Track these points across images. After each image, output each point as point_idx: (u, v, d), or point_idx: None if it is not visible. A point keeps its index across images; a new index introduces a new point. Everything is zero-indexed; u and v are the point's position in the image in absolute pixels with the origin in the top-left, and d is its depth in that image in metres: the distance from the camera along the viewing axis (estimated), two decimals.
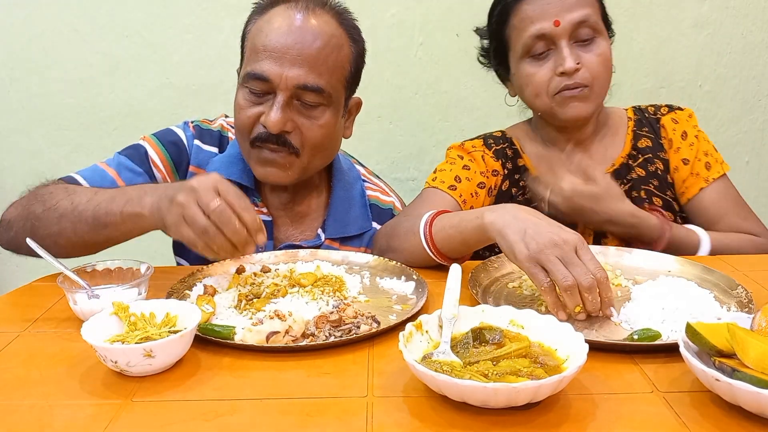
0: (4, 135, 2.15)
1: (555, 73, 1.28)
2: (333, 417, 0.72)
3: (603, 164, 1.40)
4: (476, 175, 1.38)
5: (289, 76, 1.15)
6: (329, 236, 1.32)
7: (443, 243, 1.12)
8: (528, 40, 1.29)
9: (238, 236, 0.95)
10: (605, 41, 1.31)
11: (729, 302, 0.99)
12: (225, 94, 2.10)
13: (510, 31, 1.33)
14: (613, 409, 0.72)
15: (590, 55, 1.28)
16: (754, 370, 0.69)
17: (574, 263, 0.91)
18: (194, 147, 1.32)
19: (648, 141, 1.42)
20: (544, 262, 0.92)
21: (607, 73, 1.31)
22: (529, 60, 1.31)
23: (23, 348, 0.90)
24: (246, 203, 0.97)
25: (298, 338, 0.88)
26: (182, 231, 0.95)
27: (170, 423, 0.71)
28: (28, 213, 1.12)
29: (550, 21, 1.26)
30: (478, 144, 1.43)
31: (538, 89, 1.31)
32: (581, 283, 0.90)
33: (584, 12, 1.27)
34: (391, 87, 2.11)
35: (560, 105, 1.30)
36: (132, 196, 1.04)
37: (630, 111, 1.47)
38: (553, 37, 1.27)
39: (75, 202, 1.08)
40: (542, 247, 0.93)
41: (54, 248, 1.05)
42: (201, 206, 0.94)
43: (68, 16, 2.04)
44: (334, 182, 1.36)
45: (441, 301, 0.87)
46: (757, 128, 2.20)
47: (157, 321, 0.87)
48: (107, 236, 1.07)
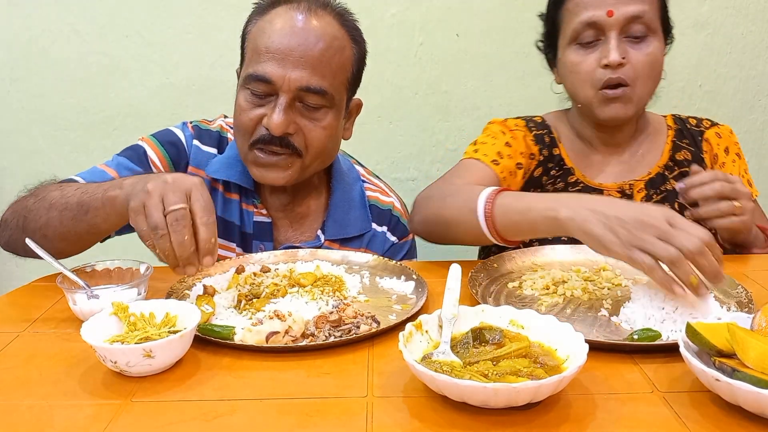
0: (4, 135, 2.15)
1: (599, 65, 1.25)
2: (333, 417, 0.72)
3: (638, 172, 1.38)
4: (516, 154, 1.36)
5: (292, 77, 1.15)
6: (329, 237, 1.32)
7: (506, 228, 1.06)
8: (578, 25, 1.27)
9: (183, 250, 0.90)
10: (658, 43, 1.28)
11: (729, 302, 0.99)
12: (225, 94, 2.09)
13: (563, 14, 1.31)
14: (613, 409, 0.72)
15: (638, 53, 1.25)
16: (754, 370, 0.69)
17: (672, 234, 0.86)
18: (193, 147, 1.31)
19: (687, 154, 1.39)
20: (640, 245, 0.87)
21: (653, 75, 1.28)
22: (576, 47, 1.29)
23: (23, 348, 0.89)
24: (210, 219, 0.92)
25: (298, 338, 0.88)
26: (137, 220, 0.91)
27: (170, 423, 0.71)
28: (20, 207, 1.12)
29: (603, 10, 1.24)
30: (521, 124, 1.41)
31: (582, 79, 1.28)
32: (689, 248, 0.85)
33: (641, 8, 1.24)
34: (391, 87, 2.11)
35: (600, 103, 1.28)
36: (118, 181, 1.03)
37: (670, 119, 1.44)
38: (604, 27, 1.25)
39: (65, 192, 1.08)
40: (632, 230, 0.88)
41: (43, 242, 1.03)
42: (163, 203, 0.90)
43: (68, 16, 2.04)
44: (334, 183, 1.35)
45: (441, 301, 0.87)
46: (757, 128, 2.20)
47: (156, 321, 0.87)
48: (89, 223, 1.03)
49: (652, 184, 1.37)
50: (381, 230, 1.37)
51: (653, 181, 1.37)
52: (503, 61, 2.11)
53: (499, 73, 2.12)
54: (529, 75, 2.12)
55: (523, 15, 2.07)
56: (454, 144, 2.18)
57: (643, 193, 1.37)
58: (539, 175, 1.39)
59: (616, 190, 1.37)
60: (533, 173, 1.39)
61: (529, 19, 2.07)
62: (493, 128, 1.41)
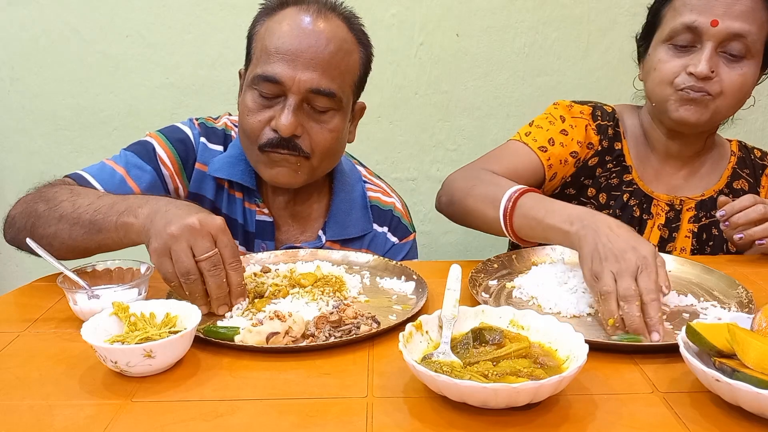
0: (4, 135, 2.15)
1: (685, 70, 1.22)
2: (333, 417, 0.72)
3: (693, 190, 1.37)
4: (572, 143, 1.34)
5: (302, 79, 1.14)
6: (330, 238, 1.32)
7: (522, 229, 1.10)
8: (678, 25, 1.23)
9: (219, 291, 0.94)
10: (754, 67, 1.24)
11: (729, 302, 0.99)
12: (225, 94, 2.11)
13: (667, 10, 1.27)
14: (613, 409, 0.72)
15: (730, 72, 1.22)
16: (754, 371, 0.69)
17: (624, 276, 0.89)
18: (200, 144, 1.31)
19: (745, 184, 1.38)
20: (598, 275, 0.91)
21: (738, 96, 1.24)
22: (669, 46, 1.26)
23: (23, 348, 0.89)
24: (239, 263, 0.95)
25: (298, 339, 0.88)
26: (163, 263, 0.92)
27: (170, 423, 0.71)
28: (31, 211, 1.11)
29: (709, 18, 1.19)
30: (586, 111, 1.39)
31: (663, 78, 1.25)
32: (618, 291, 0.88)
33: (747, 27, 1.19)
34: (391, 87, 2.11)
35: (676, 101, 1.25)
36: (132, 204, 1.03)
37: (735, 145, 1.43)
38: (702, 35, 1.21)
39: (77, 204, 1.07)
40: (603, 262, 0.92)
41: (49, 249, 1.04)
42: (192, 248, 0.91)
43: (68, 16, 2.05)
44: (336, 184, 1.35)
45: (441, 301, 0.87)
46: (757, 128, 2.20)
47: (157, 321, 0.87)
48: (100, 242, 1.05)
49: (702, 206, 1.36)
50: (382, 231, 1.37)
51: (705, 203, 1.36)
52: (503, 61, 2.11)
53: (499, 73, 2.12)
54: (529, 75, 2.12)
55: (523, 15, 2.08)
56: (454, 144, 2.18)
57: (692, 213, 1.36)
58: (594, 165, 1.37)
59: (666, 202, 1.36)
60: (587, 162, 1.37)
61: (529, 19, 2.08)
62: (555, 112, 1.39)
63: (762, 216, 1.17)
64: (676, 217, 1.36)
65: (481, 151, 1.40)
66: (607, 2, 2.05)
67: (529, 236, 1.11)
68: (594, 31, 2.08)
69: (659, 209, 1.36)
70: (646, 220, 1.37)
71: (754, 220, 1.17)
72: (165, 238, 0.92)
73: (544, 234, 1.06)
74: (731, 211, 1.18)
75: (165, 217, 0.95)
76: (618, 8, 2.07)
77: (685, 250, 1.36)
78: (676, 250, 1.36)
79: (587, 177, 1.38)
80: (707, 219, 1.35)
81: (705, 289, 1.06)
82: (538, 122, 1.37)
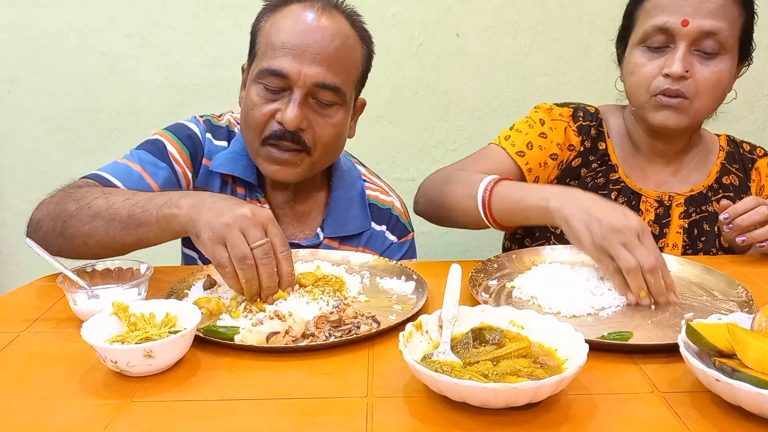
0: (4, 135, 2.15)
1: (661, 72, 1.23)
2: (333, 417, 0.72)
3: (682, 186, 1.37)
4: (552, 145, 1.35)
5: (308, 73, 1.15)
6: (328, 235, 1.32)
7: (501, 214, 1.14)
8: (650, 28, 1.24)
9: (271, 281, 0.96)
10: (729, 62, 1.24)
11: (729, 302, 0.99)
12: (225, 94, 2.11)
13: (640, 13, 1.29)
14: (613, 409, 0.72)
15: (704, 70, 1.23)
16: (754, 371, 0.69)
17: (637, 247, 0.95)
18: (207, 140, 1.32)
19: (735, 179, 1.39)
20: (607, 248, 0.97)
21: (715, 93, 1.25)
22: (643, 49, 1.27)
23: (23, 348, 0.89)
24: (288, 251, 0.98)
25: (298, 338, 0.88)
26: (217, 251, 0.94)
27: (170, 423, 0.71)
28: (60, 211, 1.09)
29: (679, 18, 1.20)
30: (566, 113, 1.40)
31: (640, 82, 1.27)
32: (643, 265, 0.94)
33: (718, 24, 1.20)
34: (391, 87, 2.11)
35: (653, 108, 1.26)
36: (172, 197, 1.03)
37: (723, 140, 1.43)
38: (675, 35, 1.22)
39: (111, 201, 1.06)
40: (605, 233, 0.97)
41: (83, 248, 1.05)
42: (246, 236, 0.94)
43: (68, 16, 2.04)
44: (334, 181, 1.36)
45: (441, 301, 0.87)
46: (757, 128, 2.20)
47: (157, 321, 0.87)
48: (139, 237, 1.04)
49: (692, 202, 1.36)
50: (380, 229, 1.37)
51: (695, 198, 1.36)
52: (503, 61, 2.11)
53: (499, 73, 2.12)
54: (529, 75, 2.12)
55: (523, 15, 2.08)
56: (454, 144, 2.18)
57: (682, 209, 1.36)
58: (577, 166, 1.38)
59: (655, 198, 1.36)
60: (571, 164, 1.38)
61: (529, 19, 2.08)
62: (535, 115, 1.40)
63: (765, 218, 1.17)
64: (666, 213, 1.36)
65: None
66: (607, 2, 2.05)
67: (509, 220, 1.15)
68: (594, 31, 2.08)
69: (648, 206, 1.36)
70: None
71: (757, 222, 1.17)
72: (219, 228, 0.94)
73: (522, 214, 1.11)
74: (734, 214, 1.18)
75: (214, 208, 0.97)
76: (618, 8, 2.05)
77: (677, 246, 1.36)
78: (668, 246, 1.36)
79: (572, 178, 1.39)
80: (698, 214, 1.36)
81: (705, 289, 1.06)
82: (518, 126, 1.39)
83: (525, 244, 1.41)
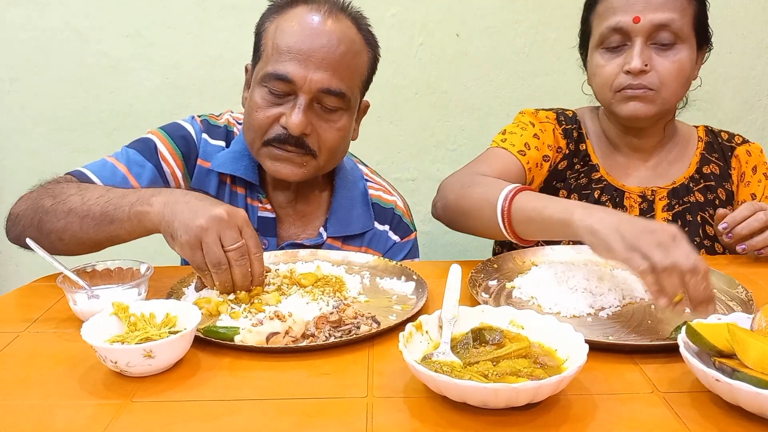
0: (4, 135, 2.15)
1: (622, 70, 1.26)
2: (333, 417, 0.72)
3: (663, 179, 1.38)
4: (544, 146, 1.37)
5: (313, 79, 1.15)
6: (331, 235, 1.32)
7: (521, 225, 1.08)
8: (605, 30, 1.27)
9: (244, 281, 0.98)
10: (687, 50, 1.26)
11: (729, 302, 0.99)
12: (225, 94, 2.11)
13: (594, 17, 1.32)
14: (613, 409, 0.72)
15: (664, 61, 1.25)
16: (754, 371, 0.69)
17: (672, 247, 0.86)
18: (202, 141, 1.32)
19: (715, 168, 1.39)
20: (640, 248, 0.87)
21: (679, 82, 1.27)
22: (602, 51, 1.29)
23: (23, 348, 0.89)
24: (261, 253, 1.00)
25: (298, 339, 0.88)
26: (194, 254, 0.96)
27: (170, 423, 0.71)
28: (37, 207, 1.10)
29: (630, 16, 1.23)
30: (551, 117, 1.42)
31: (603, 82, 1.29)
32: (681, 264, 0.84)
33: (668, 16, 1.23)
34: (391, 87, 2.11)
35: (620, 101, 1.28)
36: (143, 194, 1.04)
37: (702, 130, 1.44)
38: (630, 33, 1.25)
39: (86, 197, 1.07)
40: (638, 234, 0.88)
41: (58, 244, 1.05)
42: (221, 239, 0.95)
43: (68, 16, 2.04)
44: (337, 181, 1.36)
45: (441, 301, 0.87)
46: (757, 128, 2.20)
47: (157, 321, 0.87)
48: (111, 234, 1.06)
49: (675, 194, 1.36)
50: (383, 229, 1.37)
51: (677, 191, 1.37)
52: (503, 61, 2.11)
53: (499, 73, 2.12)
54: (529, 75, 2.12)
55: (523, 15, 2.08)
56: (454, 144, 2.18)
57: (665, 202, 1.36)
58: (563, 169, 1.39)
59: (638, 194, 1.36)
60: (557, 166, 1.39)
61: (529, 19, 2.08)
62: (524, 119, 1.41)
63: (764, 224, 1.17)
64: (650, 207, 1.36)
65: (481, 151, 1.40)
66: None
67: (528, 233, 1.09)
68: None
69: (632, 201, 1.37)
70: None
71: (756, 229, 1.17)
72: (195, 230, 0.95)
73: (543, 226, 1.04)
74: (733, 223, 1.18)
75: (189, 208, 0.98)
76: None
77: None
78: None
79: (558, 180, 1.40)
80: (680, 206, 1.36)
81: None
82: (510, 129, 1.39)
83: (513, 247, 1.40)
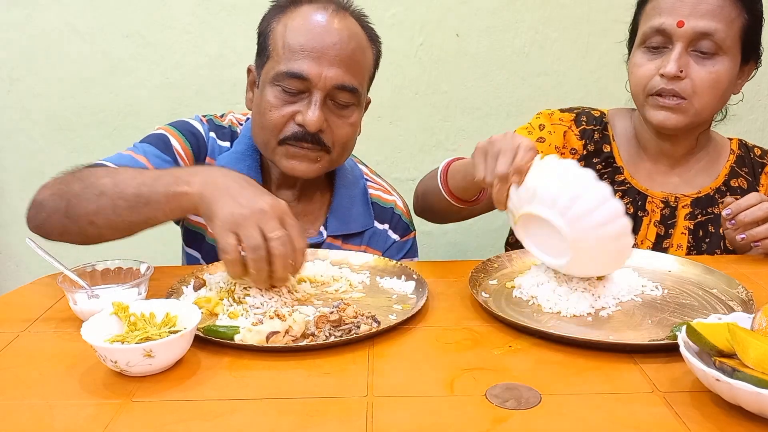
0: (4, 135, 2.15)
1: (658, 73, 1.25)
2: (333, 417, 0.72)
3: (689, 188, 1.37)
4: (550, 148, 1.37)
5: (328, 75, 1.16)
6: (331, 233, 1.33)
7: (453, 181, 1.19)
8: (648, 29, 1.27)
9: (284, 272, 0.94)
10: (728, 63, 1.25)
11: (729, 302, 0.99)
12: (225, 94, 2.10)
13: (642, 15, 1.32)
14: (613, 409, 0.72)
15: (701, 70, 1.24)
16: (754, 370, 0.69)
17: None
18: (210, 139, 1.32)
19: (744, 182, 1.39)
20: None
21: (714, 93, 1.25)
22: (643, 50, 1.29)
23: (23, 348, 0.89)
24: (304, 245, 0.96)
25: (298, 338, 0.88)
26: (229, 239, 0.92)
27: (170, 423, 0.71)
28: (65, 191, 1.07)
29: (675, 19, 1.23)
30: (567, 118, 1.42)
31: (638, 81, 1.29)
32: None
33: (713, 25, 1.22)
34: (391, 87, 2.11)
35: (651, 107, 1.28)
36: (180, 174, 1.01)
37: (735, 143, 1.43)
38: (672, 36, 1.24)
39: (118, 179, 1.04)
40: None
41: (89, 228, 1.03)
42: (262, 229, 0.92)
43: (68, 16, 2.04)
44: (338, 180, 1.37)
45: (441, 301, 0.87)
46: (757, 128, 2.20)
47: (157, 321, 0.87)
48: (147, 216, 1.02)
49: (698, 203, 1.36)
50: (382, 228, 1.37)
51: (701, 200, 1.36)
52: (503, 61, 2.11)
53: (499, 73, 2.12)
54: (529, 75, 2.12)
55: (523, 15, 2.08)
56: (454, 144, 2.18)
57: (688, 210, 1.36)
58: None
59: (661, 199, 1.36)
60: None
61: (529, 19, 2.08)
62: (536, 122, 1.42)
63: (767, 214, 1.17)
64: (672, 214, 1.36)
65: None
66: (607, 2, 2.05)
67: (460, 188, 1.18)
68: (594, 31, 2.08)
69: (654, 206, 1.36)
70: (642, 217, 1.37)
71: (759, 218, 1.17)
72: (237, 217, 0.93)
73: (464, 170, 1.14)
74: (737, 210, 1.18)
75: (231, 193, 0.96)
76: (618, 8, 2.06)
77: (682, 247, 1.36)
78: (672, 246, 1.36)
79: None
80: (703, 216, 1.35)
81: (705, 289, 1.06)
82: (517, 132, 1.38)
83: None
